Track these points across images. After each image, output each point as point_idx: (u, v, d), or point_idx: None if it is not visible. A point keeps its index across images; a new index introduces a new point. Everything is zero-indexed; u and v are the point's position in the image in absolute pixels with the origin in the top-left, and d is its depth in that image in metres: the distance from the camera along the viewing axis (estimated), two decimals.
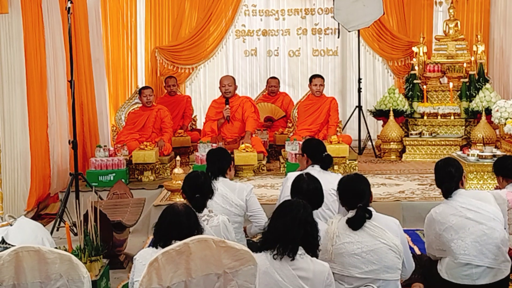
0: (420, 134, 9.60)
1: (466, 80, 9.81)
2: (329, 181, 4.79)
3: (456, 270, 4.27)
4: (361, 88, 10.44)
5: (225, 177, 5.14)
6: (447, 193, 4.45)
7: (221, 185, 4.99)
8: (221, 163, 5.16)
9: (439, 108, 9.72)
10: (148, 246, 3.80)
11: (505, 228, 4.40)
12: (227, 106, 8.63)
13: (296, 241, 3.41)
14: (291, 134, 9.05)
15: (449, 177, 4.43)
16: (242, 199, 5.04)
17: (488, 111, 8.97)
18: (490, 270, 4.23)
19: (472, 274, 4.22)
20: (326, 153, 5.27)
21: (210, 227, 4.19)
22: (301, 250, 3.44)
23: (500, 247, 4.26)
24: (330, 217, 4.70)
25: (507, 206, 4.72)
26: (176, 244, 3.07)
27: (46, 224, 6.84)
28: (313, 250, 3.51)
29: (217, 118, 8.78)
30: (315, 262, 3.46)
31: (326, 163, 5.22)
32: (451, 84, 9.87)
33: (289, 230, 3.41)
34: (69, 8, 6.53)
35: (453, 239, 4.26)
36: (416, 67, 10.23)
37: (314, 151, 5.29)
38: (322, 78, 9.03)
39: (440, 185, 4.50)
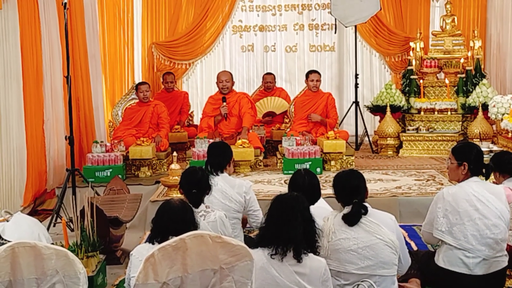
0: (417, 129, 9.59)
1: (463, 75, 9.80)
2: None
3: (453, 254, 4.28)
4: (358, 84, 10.42)
5: (223, 172, 5.13)
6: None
7: (221, 180, 5.00)
8: (220, 157, 5.15)
9: (436, 103, 9.72)
10: (145, 242, 3.79)
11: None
12: (225, 104, 8.60)
13: (297, 241, 3.40)
14: (288, 129, 9.04)
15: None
16: (241, 195, 5.03)
17: (485, 107, 8.98)
18: (485, 261, 4.25)
19: (469, 264, 4.24)
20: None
21: (207, 223, 4.20)
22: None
23: (499, 243, 4.28)
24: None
25: None
26: (173, 240, 3.06)
27: (42, 220, 6.84)
28: (311, 246, 3.50)
29: (214, 114, 8.75)
30: (311, 258, 3.46)
31: None
32: (447, 80, 9.87)
33: (287, 228, 3.40)
34: (65, 3, 6.51)
35: (456, 223, 4.26)
36: (413, 63, 10.23)
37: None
38: (319, 73, 9.01)
39: (480, 166, 4.48)
